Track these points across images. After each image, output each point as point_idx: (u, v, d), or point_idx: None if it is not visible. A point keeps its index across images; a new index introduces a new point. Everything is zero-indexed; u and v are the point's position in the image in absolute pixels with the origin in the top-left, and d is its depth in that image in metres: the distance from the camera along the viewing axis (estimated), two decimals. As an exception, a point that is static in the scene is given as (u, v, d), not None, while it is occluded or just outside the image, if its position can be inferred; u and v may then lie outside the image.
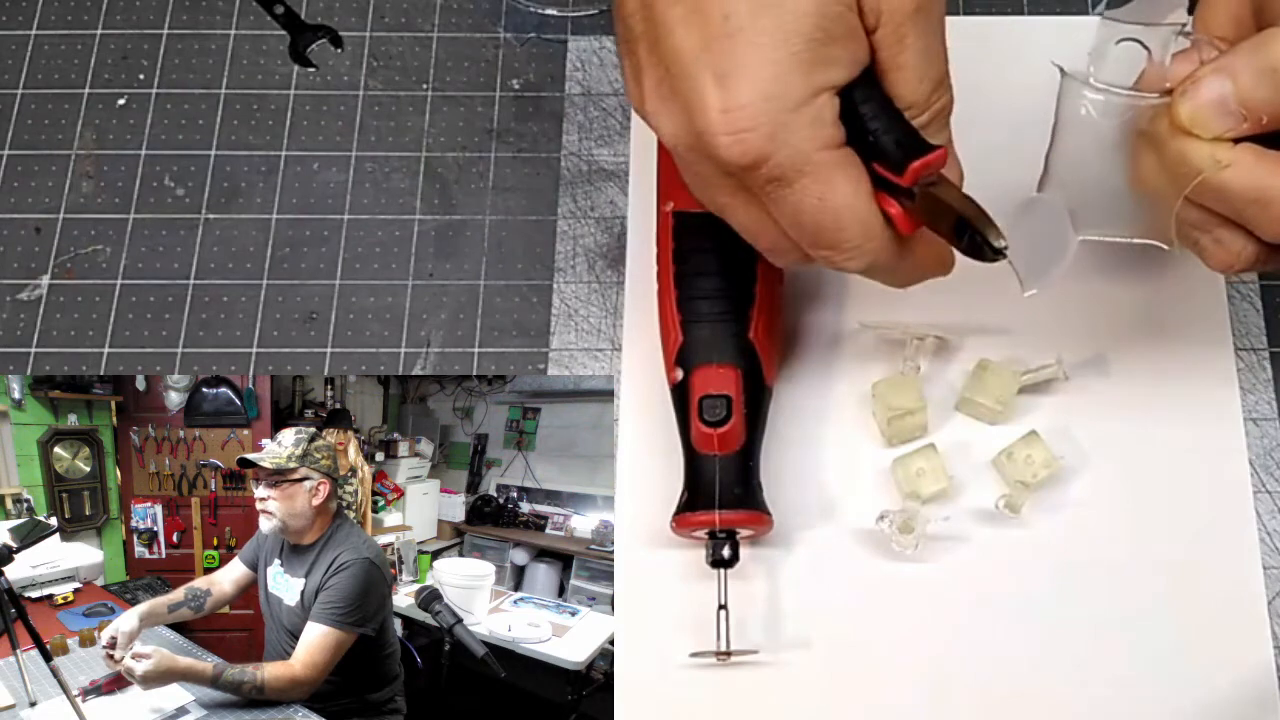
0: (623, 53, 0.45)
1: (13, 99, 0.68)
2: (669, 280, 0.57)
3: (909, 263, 0.47)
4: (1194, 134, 0.43)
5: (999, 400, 0.58)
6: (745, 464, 0.54)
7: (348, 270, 0.64)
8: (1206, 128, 0.43)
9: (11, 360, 0.63)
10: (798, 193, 0.42)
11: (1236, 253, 0.46)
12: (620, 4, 0.44)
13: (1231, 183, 0.43)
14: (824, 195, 0.42)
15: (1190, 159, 0.44)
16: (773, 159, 0.41)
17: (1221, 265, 0.47)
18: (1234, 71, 0.43)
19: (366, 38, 0.70)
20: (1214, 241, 0.47)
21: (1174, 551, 0.57)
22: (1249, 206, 0.44)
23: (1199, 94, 0.43)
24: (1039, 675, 0.55)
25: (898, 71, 0.43)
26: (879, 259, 0.45)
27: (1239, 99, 0.43)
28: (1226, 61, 0.43)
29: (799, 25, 0.40)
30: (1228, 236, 0.46)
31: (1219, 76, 0.43)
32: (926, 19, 0.43)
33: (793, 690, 0.55)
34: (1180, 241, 0.48)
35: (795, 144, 0.41)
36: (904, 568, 0.57)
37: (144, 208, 0.66)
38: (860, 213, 0.43)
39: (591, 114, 0.67)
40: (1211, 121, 0.43)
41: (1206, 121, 0.43)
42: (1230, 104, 0.43)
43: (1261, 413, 0.60)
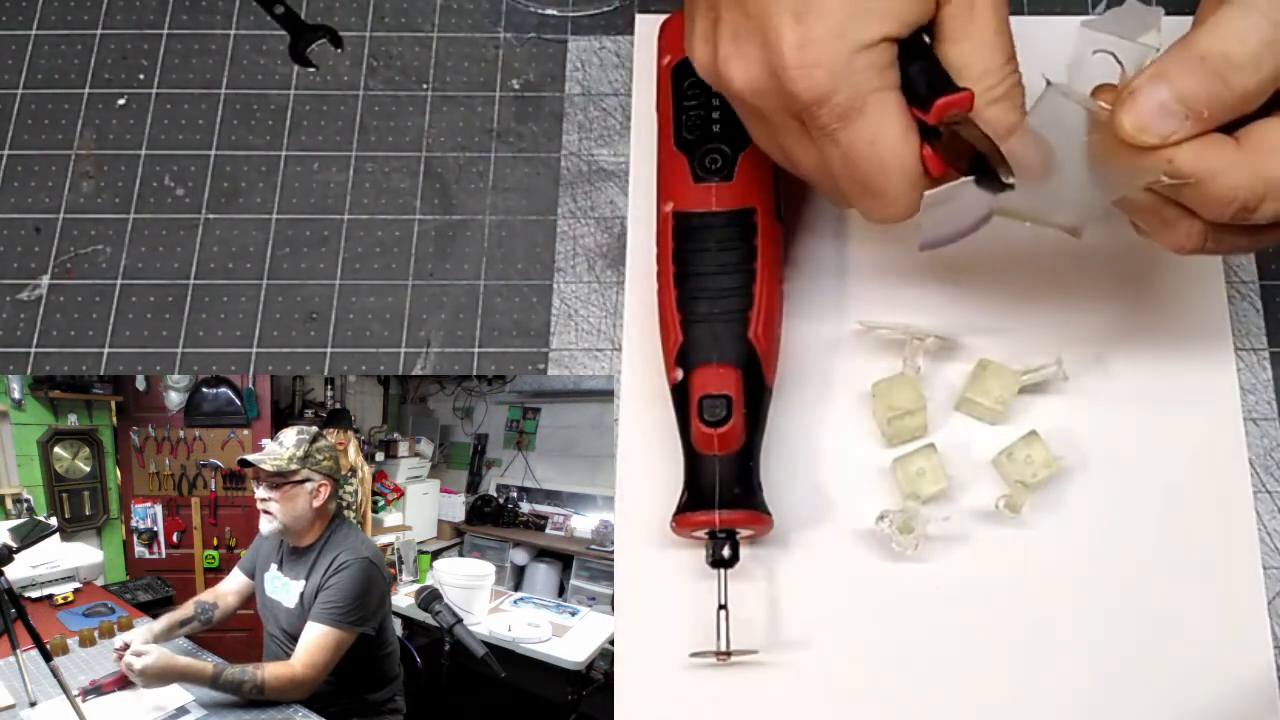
0: (696, 10, 0.48)
1: (13, 99, 0.68)
2: (669, 280, 0.57)
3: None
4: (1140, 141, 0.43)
5: (999, 400, 0.58)
6: (745, 464, 0.54)
7: (348, 270, 0.64)
8: (1152, 135, 0.43)
9: (11, 360, 0.63)
10: (852, 134, 0.45)
11: (1184, 233, 0.47)
12: None
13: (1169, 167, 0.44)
14: (875, 138, 0.45)
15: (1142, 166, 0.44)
16: (835, 96, 0.44)
17: (1174, 247, 0.48)
18: (1167, 74, 0.43)
19: (366, 38, 0.70)
20: (1162, 224, 0.47)
21: (1174, 551, 0.57)
22: (1187, 189, 0.44)
23: (1137, 103, 0.43)
24: (1039, 675, 0.55)
25: (968, 41, 0.46)
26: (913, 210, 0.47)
27: (1177, 98, 0.43)
28: (1159, 65, 0.43)
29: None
30: (1173, 218, 0.47)
31: (1154, 82, 0.43)
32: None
33: (793, 690, 0.55)
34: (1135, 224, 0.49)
35: (855, 83, 0.44)
36: (904, 568, 0.57)
37: (144, 208, 0.66)
38: (906, 160, 0.46)
39: (591, 114, 0.67)
40: (1155, 127, 0.43)
41: (1150, 128, 0.43)
42: (1171, 105, 0.43)
43: (1261, 413, 0.60)
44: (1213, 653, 0.55)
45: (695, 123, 0.58)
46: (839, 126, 0.45)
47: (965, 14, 0.46)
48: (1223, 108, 0.43)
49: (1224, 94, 0.43)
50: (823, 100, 0.44)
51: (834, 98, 0.44)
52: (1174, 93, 0.43)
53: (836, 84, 0.44)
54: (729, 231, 0.56)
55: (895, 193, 0.47)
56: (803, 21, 0.43)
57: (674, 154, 0.58)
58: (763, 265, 0.56)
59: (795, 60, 0.44)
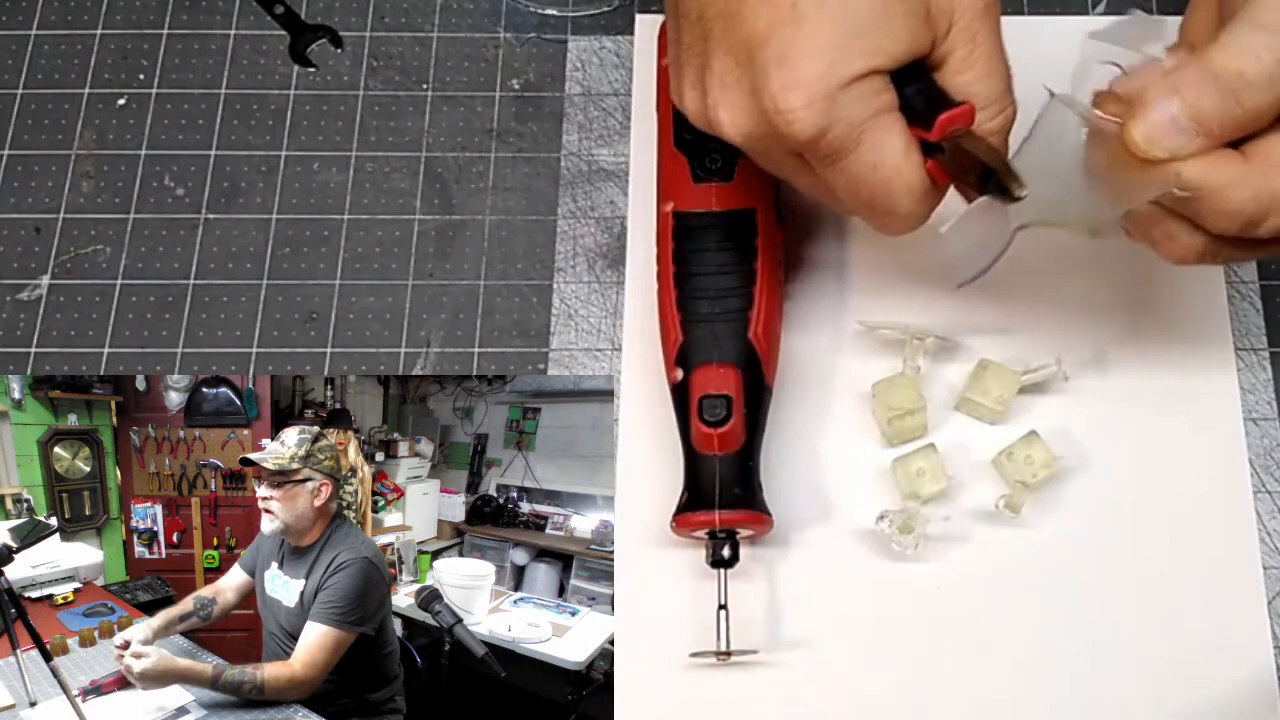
0: (684, 59, 0.48)
1: (13, 99, 0.68)
2: (669, 280, 0.57)
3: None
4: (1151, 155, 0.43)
5: (999, 400, 0.58)
6: (745, 464, 0.54)
7: (348, 270, 0.64)
8: (1161, 148, 0.43)
9: (11, 360, 0.63)
10: (853, 162, 0.45)
11: (1185, 245, 0.47)
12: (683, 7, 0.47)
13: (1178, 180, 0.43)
14: (877, 162, 0.45)
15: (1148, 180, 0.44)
16: (829, 133, 0.44)
17: (1173, 258, 0.48)
18: (1180, 87, 0.43)
19: (366, 38, 0.70)
20: (1164, 235, 0.47)
21: (1174, 551, 0.57)
22: (1194, 202, 0.44)
23: (1149, 115, 0.43)
24: (1038, 674, 0.55)
25: (970, 71, 0.46)
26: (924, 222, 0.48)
27: (1189, 114, 0.42)
28: (1173, 78, 0.43)
29: (859, 13, 0.43)
30: (1175, 229, 0.46)
31: (1167, 95, 0.43)
32: (994, 19, 0.46)
33: (793, 690, 0.55)
34: (1136, 236, 0.48)
35: (847, 117, 0.44)
36: (904, 568, 0.57)
37: (144, 208, 0.66)
38: (911, 178, 0.45)
39: (591, 114, 0.67)
40: (1165, 141, 0.43)
41: (1160, 142, 0.43)
42: (1182, 121, 0.42)
43: (1261, 413, 0.60)
44: (1213, 653, 0.55)
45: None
46: (838, 158, 0.45)
47: (968, 45, 0.45)
48: (1234, 124, 0.43)
49: (1235, 111, 0.42)
50: (817, 139, 0.44)
51: (828, 134, 0.44)
52: (1186, 108, 0.42)
53: (828, 121, 0.43)
54: (729, 232, 0.56)
55: (903, 209, 0.46)
56: (786, 65, 0.43)
57: (674, 154, 0.58)
58: (763, 265, 0.56)
59: (784, 104, 0.43)
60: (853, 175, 0.45)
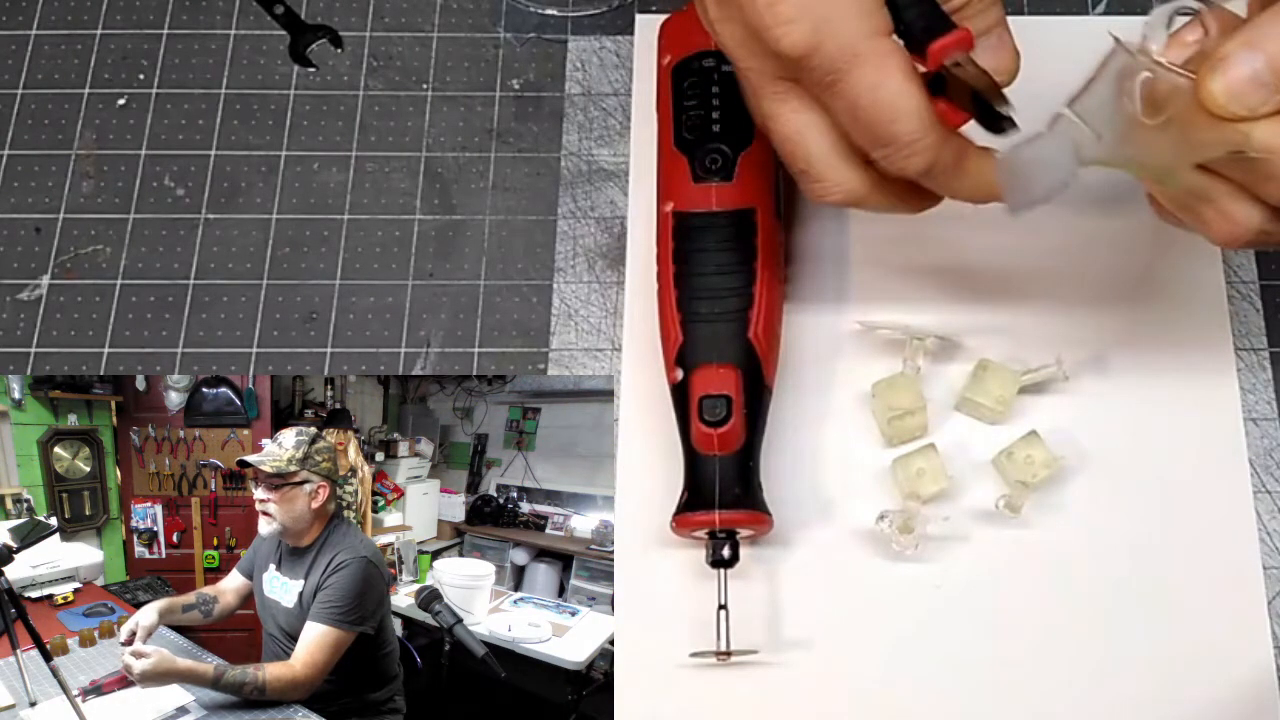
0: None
1: (13, 99, 0.68)
2: (669, 280, 0.57)
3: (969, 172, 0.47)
4: (1229, 112, 0.41)
5: (999, 400, 0.58)
6: (745, 464, 0.54)
7: (348, 270, 0.64)
8: (1242, 104, 0.41)
9: (11, 360, 0.63)
10: (852, 84, 0.44)
11: (1240, 221, 0.45)
12: None
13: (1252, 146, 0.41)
14: (876, 84, 0.44)
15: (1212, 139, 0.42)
16: (822, 48, 0.43)
17: (1225, 236, 0.46)
18: (1261, 43, 0.41)
19: (366, 38, 0.70)
20: (1218, 213, 0.45)
21: (1174, 552, 0.57)
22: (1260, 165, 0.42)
23: (1230, 70, 0.41)
24: (1038, 674, 0.55)
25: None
26: (940, 157, 0.46)
27: (1272, 70, 0.40)
28: (1251, 34, 0.41)
29: None
30: (1232, 205, 0.45)
31: (1248, 50, 0.41)
32: None
33: (793, 690, 0.55)
34: (1182, 215, 0.46)
35: (843, 33, 0.43)
36: (904, 568, 0.57)
37: (144, 208, 0.66)
38: (913, 101, 0.44)
39: (591, 114, 0.67)
40: (1247, 97, 0.41)
41: (1242, 98, 0.41)
42: (1264, 77, 0.40)
43: (1261, 413, 0.60)
44: (1213, 653, 0.55)
45: (695, 123, 0.58)
46: (835, 78, 0.44)
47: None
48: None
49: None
50: (810, 53, 0.44)
51: (821, 49, 0.43)
52: (1269, 63, 0.40)
53: (820, 35, 0.43)
54: (729, 231, 0.56)
55: (909, 135, 0.45)
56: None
57: (674, 154, 0.58)
58: (763, 265, 0.56)
59: (771, 19, 0.43)
60: (853, 99, 0.44)
